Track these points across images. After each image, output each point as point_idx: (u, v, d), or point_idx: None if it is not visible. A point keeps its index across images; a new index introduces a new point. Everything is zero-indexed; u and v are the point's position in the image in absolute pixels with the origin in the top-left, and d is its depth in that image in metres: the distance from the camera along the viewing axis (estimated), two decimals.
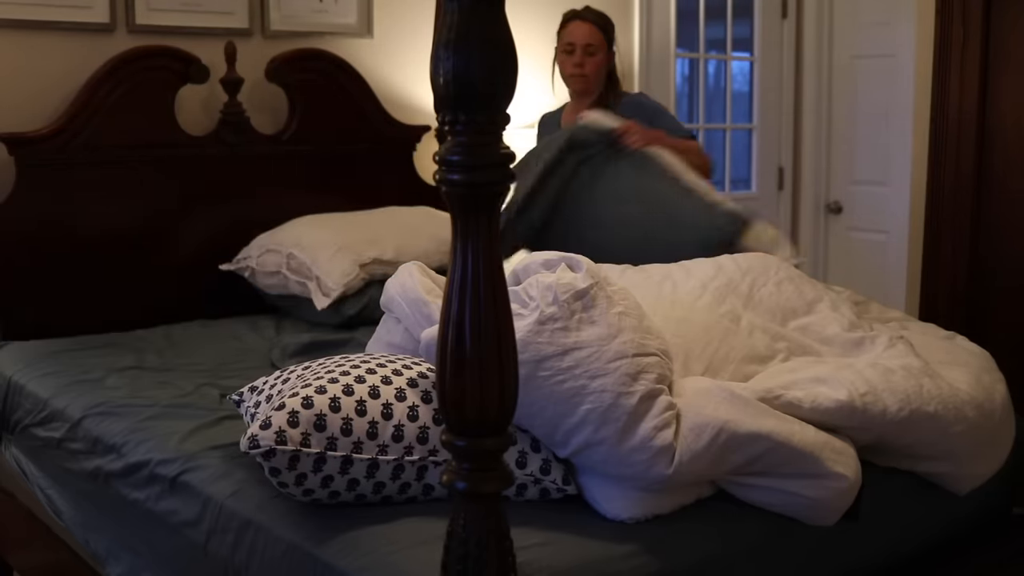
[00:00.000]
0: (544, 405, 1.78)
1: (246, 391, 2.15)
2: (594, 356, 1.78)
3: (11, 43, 3.12)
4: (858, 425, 1.95)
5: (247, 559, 1.89)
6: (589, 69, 3.34)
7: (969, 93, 3.93)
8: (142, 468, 2.22)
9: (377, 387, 1.86)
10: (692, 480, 1.82)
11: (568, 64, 3.36)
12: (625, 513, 1.80)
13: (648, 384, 1.78)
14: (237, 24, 3.49)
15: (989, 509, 2.36)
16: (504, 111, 1.33)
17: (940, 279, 4.06)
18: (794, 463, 1.83)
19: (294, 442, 1.77)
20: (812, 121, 4.87)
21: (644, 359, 1.81)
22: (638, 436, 1.74)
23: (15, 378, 2.79)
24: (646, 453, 1.73)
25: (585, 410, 1.75)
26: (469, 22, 1.28)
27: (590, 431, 1.75)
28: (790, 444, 1.81)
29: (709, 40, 4.93)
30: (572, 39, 3.34)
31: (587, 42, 3.32)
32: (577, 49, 3.33)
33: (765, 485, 1.86)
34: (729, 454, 1.79)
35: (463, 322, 1.34)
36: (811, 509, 1.88)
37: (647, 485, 1.77)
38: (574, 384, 1.76)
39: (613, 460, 1.76)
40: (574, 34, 3.34)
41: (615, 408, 1.74)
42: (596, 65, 3.35)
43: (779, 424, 1.83)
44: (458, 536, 1.42)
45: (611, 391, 1.75)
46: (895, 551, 2.11)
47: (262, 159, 3.50)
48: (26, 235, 3.09)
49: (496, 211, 1.35)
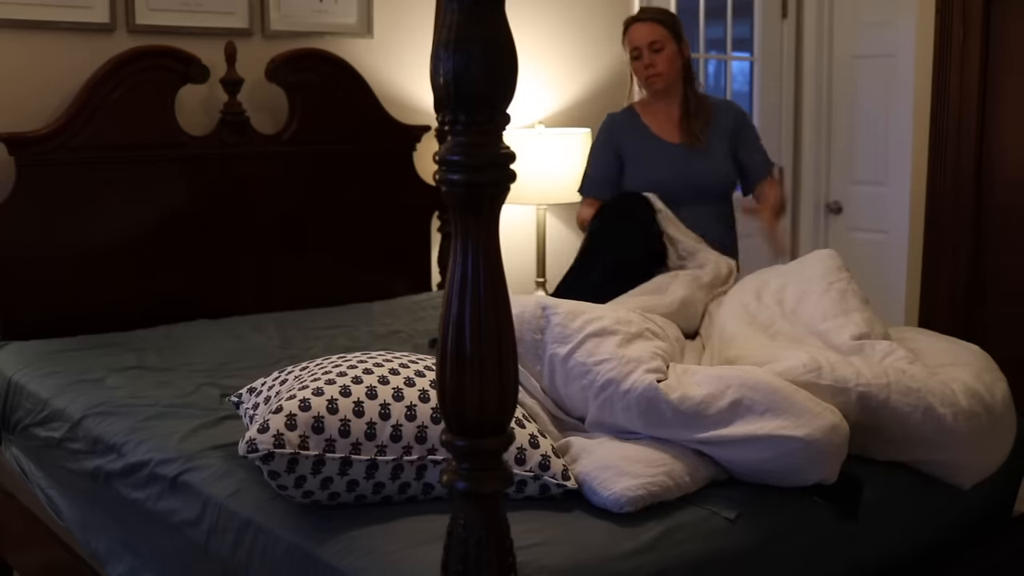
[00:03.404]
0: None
1: (245, 392, 2.16)
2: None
3: (11, 43, 3.12)
4: (829, 384, 2.04)
5: (247, 559, 1.89)
6: (662, 65, 3.26)
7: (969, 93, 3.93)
8: (142, 468, 2.22)
9: (374, 387, 1.86)
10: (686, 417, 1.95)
11: (640, 69, 3.29)
12: (624, 496, 1.82)
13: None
14: (237, 24, 3.49)
15: (991, 509, 2.36)
16: (504, 111, 1.33)
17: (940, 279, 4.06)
18: (772, 399, 1.92)
19: (292, 445, 1.77)
20: (812, 121, 4.86)
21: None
22: (633, 376, 2.01)
23: (15, 378, 2.79)
24: (643, 381, 1.99)
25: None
26: (469, 22, 1.28)
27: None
28: (767, 381, 1.97)
29: (709, 40, 4.93)
30: (635, 43, 3.28)
31: (650, 40, 3.25)
32: (643, 51, 3.26)
33: (751, 434, 1.89)
34: (715, 381, 1.98)
35: (463, 322, 1.34)
36: (805, 453, 1.90)
37: (647, 408, 1.95)
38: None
39: (618, 397, 2.00)
40: (635, 38, 3.28)
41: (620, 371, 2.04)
42: (668, 59, 3.26)
43: (755, 370, 2.04)
44: (458, 536, 1.42)
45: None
46: (896, 550, 2.11)
47: (262, 159, 3.50)
48: (26, 235, 3.09)
49: (496, 211, 1.35)
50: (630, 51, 3.31)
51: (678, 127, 3.32)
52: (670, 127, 3.33)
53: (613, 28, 4.37)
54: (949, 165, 4.02)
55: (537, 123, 4.15)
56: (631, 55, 3.31)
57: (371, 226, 3.72)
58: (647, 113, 3.36)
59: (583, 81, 4.36)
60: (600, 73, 4.39)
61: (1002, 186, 3.92)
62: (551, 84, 4.24)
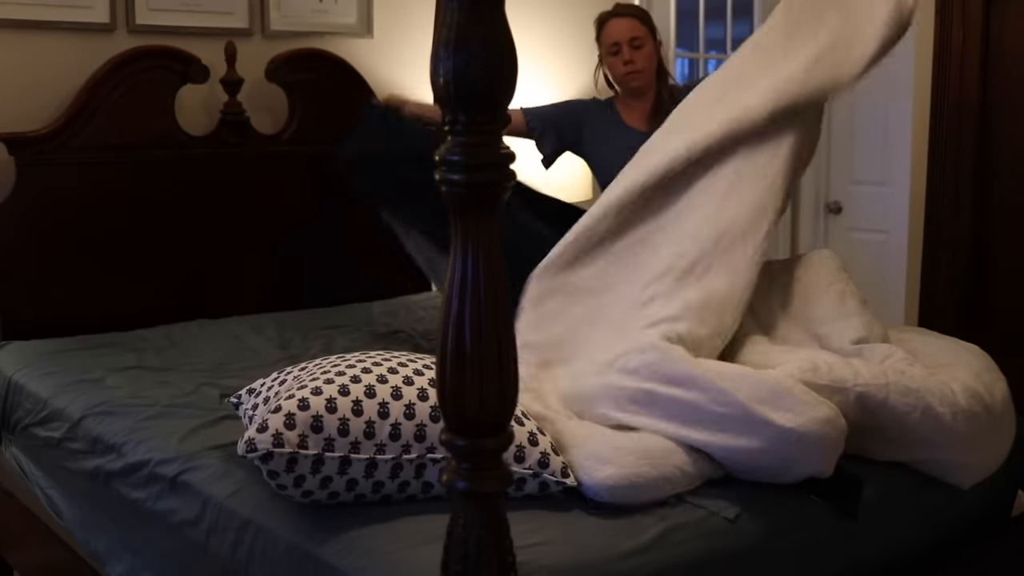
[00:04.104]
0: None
1: (244, 393, 2.16)
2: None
3: (11, 43, 3.12)
4: (827, 383, 2.03)
5: (247, 558, 1.89)
6: (642, 63, 3.20)
7: (969, 93, 3.93)
8: (142, 468, 2.22)
9: (373, 386, 1.86)
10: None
11: (618, 65, 3.21)
12: (604, 485, 1.84)
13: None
14: (237, 24, 3.49)
15: (990, 509, 2.36)
16: (504, 111, 1.33)
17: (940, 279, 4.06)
18: (770, 392, 1.92)
19: (291, 444, 1.78)
20: None
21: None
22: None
23: (15, 378, 2.79)
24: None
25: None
26: (469, 22, 1.28)
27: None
28: (766, 374, 1.99)
29: (709, 40, 4.93)
30: (615, 38, 3.19)
31: (631, 36, 3.17)
32: (623, 47, 3.17)
33: (748, 423, 1.90)
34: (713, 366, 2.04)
35: (463, 322, 1.34)
36: (800, 445, 1.89)
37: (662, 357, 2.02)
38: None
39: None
40: (615, 33, 3.19)
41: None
42: (647, 56, 3.20)
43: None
44: (458, 536, 1.42)
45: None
46: (896, 549, 2.11)
47: (262, 159, 3.50)
48: (26, 235, 3.09)
49: (497, 211, 1.35)
50: (607, 47, 3.22)
51: (648, 120, 3.25)
52: (641, 119, 3.28)
53: None
54: (949, 165, 4.02)
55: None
56: (608, 51, 3.23)
57: (371, 226, 3.72)
58: (620, 106, 3.33)
59: (583, 81, 4.35)
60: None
61: (1002, 186, 3.92)
62: (551, 84, 4.24)
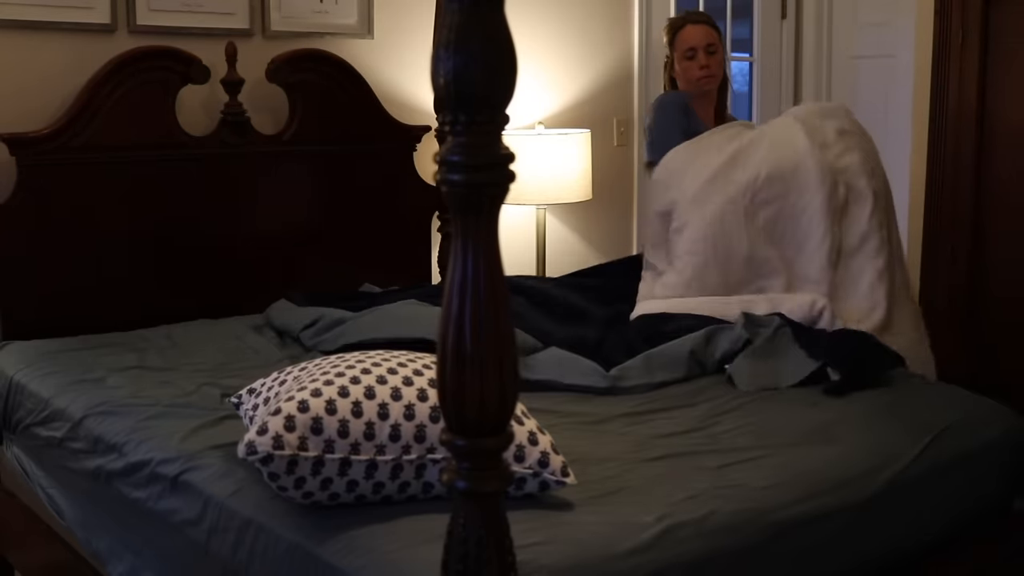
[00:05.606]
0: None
1: (244, 393, 2.16)
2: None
3: (11, 43, 3.13)
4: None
5: (248, 558, 1.90)
6: (716, 68, 3.49)
7: (968, 93, 3.93)
8: (143, 467, 2.22)
9: (372, 387, 1.87)
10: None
11: (694, 69, 3.47)
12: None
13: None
14: (237, 25, 3.49)
15: (990, 509, 2.36)
16: (504, 111, 1.33)
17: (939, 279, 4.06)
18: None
19: (291, 446, 1.78)
20: None
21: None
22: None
23: (16, 378, 2.79)
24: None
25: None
26: (469, 22, 1.28)
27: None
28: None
29: None
30: (691, 43, 3.46)
31: (708, 42, 3.46)
32: (699, 52, 3.45)
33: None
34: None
35: (463, 321, 1.34)
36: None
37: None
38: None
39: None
40: (691, 39, 3.46)
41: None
42: (720, 63, 3.51)
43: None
44: (458, 535, 1.42)
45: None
46: (897, 548, 2.11)
47: (262, 159, 3.50)
48: (26, 235, 3.09)
49: (496, 211, 1.36)
50: (684, 51, 3.47)
51: (714, 119, 3.54)
52: (708, 116, 3.54)
53: (613, 28, 4.38)
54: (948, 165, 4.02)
55: (537, 123, 4.16)
56: (684, 55, 3.47)
57: (371, 226, 3.73)
58: (694, 103, 3.54)
59: (583, 81, 4.36)
60: (600, 73, 4.39)
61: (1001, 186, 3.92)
62: (551, 84, 4.25)
